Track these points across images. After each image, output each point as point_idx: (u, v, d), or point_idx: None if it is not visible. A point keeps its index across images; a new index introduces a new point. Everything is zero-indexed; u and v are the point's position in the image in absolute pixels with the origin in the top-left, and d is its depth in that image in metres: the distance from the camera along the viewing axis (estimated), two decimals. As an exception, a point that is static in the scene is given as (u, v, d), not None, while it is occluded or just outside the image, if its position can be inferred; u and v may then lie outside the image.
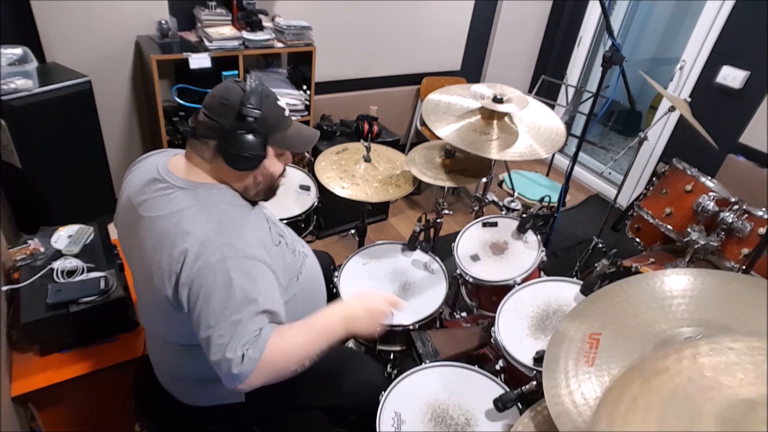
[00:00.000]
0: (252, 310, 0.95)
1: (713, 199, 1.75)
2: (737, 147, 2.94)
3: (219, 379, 1.16)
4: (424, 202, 3.49)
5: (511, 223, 1.86)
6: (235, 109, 1.03)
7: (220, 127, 1.04)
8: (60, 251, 1.62)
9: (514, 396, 1.18)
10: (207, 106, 1.05)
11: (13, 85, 1.78)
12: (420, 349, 1.49)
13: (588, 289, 1.47)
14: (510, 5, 3.67)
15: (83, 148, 2.09)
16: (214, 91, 1.06)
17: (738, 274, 1.41)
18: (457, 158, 1.83)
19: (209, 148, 1.06)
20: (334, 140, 2.92)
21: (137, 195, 1.08)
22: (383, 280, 1.70)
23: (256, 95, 1.05)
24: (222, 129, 1.03)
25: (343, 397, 1.38)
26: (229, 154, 1.05)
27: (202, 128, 1.05)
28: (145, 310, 1.14)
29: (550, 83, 3.21)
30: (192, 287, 0.95)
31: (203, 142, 1.06)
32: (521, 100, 1.71)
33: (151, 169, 1.09)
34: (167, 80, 2.60)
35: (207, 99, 1.06)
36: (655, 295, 1.02)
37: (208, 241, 0.97)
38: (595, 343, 0.97)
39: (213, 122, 1.04)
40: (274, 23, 2.62)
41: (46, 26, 2.19)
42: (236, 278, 0.95)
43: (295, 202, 1.89)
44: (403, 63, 3.44)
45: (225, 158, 1.05)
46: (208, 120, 1.04)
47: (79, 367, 1.46)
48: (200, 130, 1.05)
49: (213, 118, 1.04)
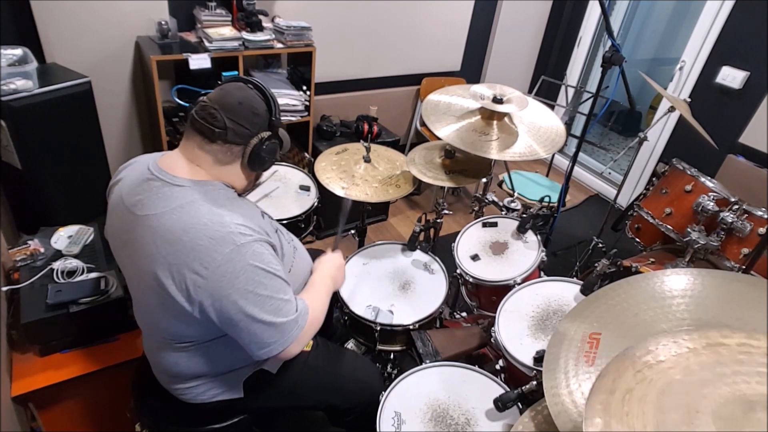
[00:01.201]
0: (283, 287, 1.06)
1: (713, 199, 1.75)
2: (737, 147, 2.94)
3: (217, 375, 1.18)
4: (424, 203, 3.49)
5: (511, 223, 1.86)
6: (265, 117, 1.11)
7: (252, 135, 1.09)
8: (60, 252, 1.62)
9: (514, 396, 1.18)
10: (234, 112, 1.05)
11: (13, 85, 1.78)
12: (420, 349, 1.50)
13: (588, 289, 1.47)
14: (510, 5, 3.67)
15: (83, 149, 2.08)
16: (236, 97, 1.06)
17: (738, 274, 1.41)
18: (457, 158, 1.83)
19: (231, 153, 1.09)
20: (334, 141, 2.92)
21: (130, 196, 1.08)
22: (383, 280, 1.70)
23: (277, 103, 1.14)
24: (252, 136, 1.09)
25: (341, 397, 1.38)
26: (255, 159, 1.11)
27: (232, 135, 1.06)
28: (142, 309, 1.14)
29: (549, 83, 3.21)
30: (215, 284, 0.98)
31: (227, 147, 1.07)
32: (521, 101, 1.71)
33: (142, 171, 1.09)
34: (167, 81, 2.60)
35: (230, 105, 1.05)
36: (655, 295, 1.02)
37: (216, 233, 0.98)
38: (595, 343, 0.97)
39: (245, 130, 1.07)
40: (273, 24, 2.62)
41: (46, 26, 2.19)
42: (254, 261, 1.01)
43: (294, 203, 1.89)
44: (403, 63, 3.44)
45: (249, 161, 1.11)
46: (239, 127, 1.06)
47: (79, 367, 1.46)
48: (230, 137, 1.06)
49: (245, 126, 1.07)
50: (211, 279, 0.98)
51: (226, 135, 1.05)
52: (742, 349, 0.69)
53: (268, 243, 1.07)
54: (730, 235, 1.74)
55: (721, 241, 1.74)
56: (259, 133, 1.09)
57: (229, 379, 1.20)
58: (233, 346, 1.11)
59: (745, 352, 0.69)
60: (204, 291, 0.98)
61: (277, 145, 1.15)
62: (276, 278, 1.04)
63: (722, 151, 2.91)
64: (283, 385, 1.28)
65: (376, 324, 1.53)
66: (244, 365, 1.21)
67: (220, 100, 1.05)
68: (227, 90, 1.08)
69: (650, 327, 0.97)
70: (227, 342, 1.12)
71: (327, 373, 1.37)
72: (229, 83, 1.11)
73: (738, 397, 0.63)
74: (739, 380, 0.65)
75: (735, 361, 0.68)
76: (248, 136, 1.08)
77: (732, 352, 0.69)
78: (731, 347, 0.70)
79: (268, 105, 1.11)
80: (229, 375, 1.20)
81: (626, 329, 0.98)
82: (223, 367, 1.18)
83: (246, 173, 1.15)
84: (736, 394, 0.64)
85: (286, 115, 2.71)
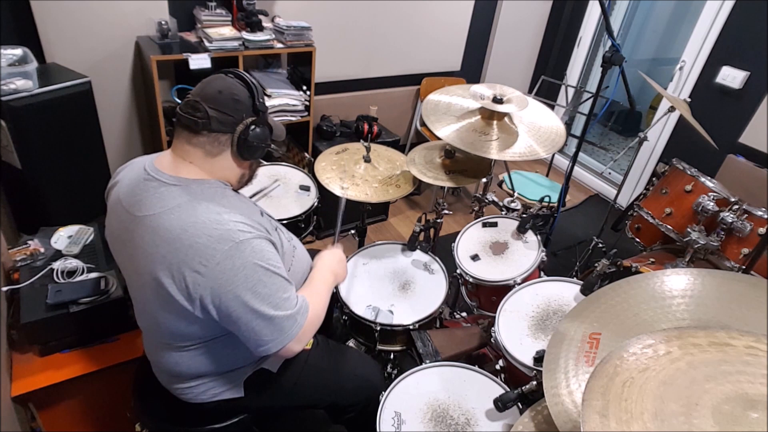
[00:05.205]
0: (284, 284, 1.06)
1: (713, 199, 1.75)
2: (737, 147, 2.94)
3: (217, 374, 1.18)
4: (424, 203, 3.49)
5: (511, 223, 1.86)
6: (248, 103, 1.09)
7: (237, 122, 1.08)
8: (60, 252, 1.62)
9: (514, 396, 1.18)
10: (215, 101, 1.05)
11: (13, 85, 1.78)
12: (420, 349, 1.50)
13: (588, 289, 1.47)
14: (510, 5, 3.67)
15: (83, 149, 2.08)
16: (215, 86, 1.07)
17: (738, 274, 1.41)
18: (457, 158, 1.83)
19: (219, 142, 1.09)
20: (334, 141, 2.92)
21: (128, 197, 1.08)
22: (383, 280, 1.70)
23: (260, 89, 1.12)
24: (237, 123, 1.08)
25: (342, 395, 1.38)
26: (243, 146, 1.10)
27: (216, 124, 1.06)
28: (143, 310, 1.14)
29: (549, 83, 3.21)
30: (214, 282, 0.98)
31: (213, 137, 1.08)
32: (521, 101, 1.71)
33: (139, 171, 1.10)
34: (167, 80, 2.60)
35: (210, 94, 1.06)
36: (655, 295, 1.02)
37: (215, 231, 0.99)
38: (595, 343, 0.97)
39: (229, 117, 1.07)
40: (274, 24, 2.62)
41: (46, 26, 2.19)
42: (254, 259, 1.01)
43: (294, 203, 1.89)
44: (403, 63, 3.44)
45: (238, 150, 1.10)
46: (222, 115, 1.06)
47: (79, 367, 1.46)
48: (213, 126, 1.06)
49: (228, 113, 1.07)
50: (211, 276, 0.98)
51: (209, 124, 1.05)
52: (750, 351, 0.70)
53: (268, 240, 1.07)
54: (730, 235, 1.74)
55: (721, 241, 1.74)
56: (243, 119, 1.08)
57: (230, 378, 1.20)
58: (234, 345, 1.11)
59: (752, 354, 0.69)
60: (203, 287, 0.98)
61: (265, 130, 1.13)
62: (276, 276, 1.04)
63: (722, 151, 2.91)
64: (284, 384, 1.28)
65: (376, 324, 1.53)
66: (245, 364, 1.21)
67: (200, 92, 1.07)
68: (207, 81, 1.09)
69: (650, 327, 0.97)
70: (228, 341, 1.12)
71: (327, 371, 1.37)
72: (209, 76, 1.12)
73: (740, 395, 0.63)
74: (743, 379, 0.66)
75: (741, 361, 0.68)
76: (233, 124, 1.08)
77: (739, 353, 0.70)
78: (738, 348, 0.70)
79: (250, 91, 1.10)
80: (230, 374, 1.20)
81: (626, 329, 0.98)
82: (223, 366, 1.18)
83: (238, 162, 1.13)
84: (738, 392, 0.64)
85: (286, 115, 2.71)
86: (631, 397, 0.65)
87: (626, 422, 0.62)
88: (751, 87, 2.86)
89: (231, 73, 1.11)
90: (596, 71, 3.95)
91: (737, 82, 2.89)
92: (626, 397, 0.65)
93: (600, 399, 0.66)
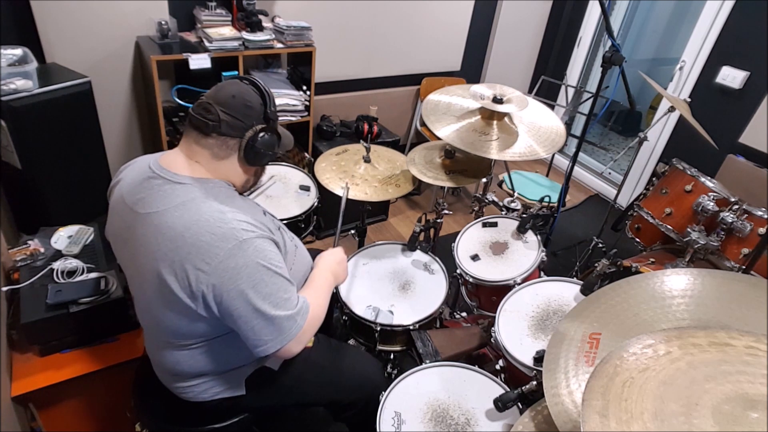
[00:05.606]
0: (285, 285, 1.06)
1: (713, 199, 1.75)
2: (737, 147, 2.94)
3: (219, 373, 1.18)
4: (424, 203, 3.49)
5: (511, 223, 1.86)
6: (259, 110, 1.11)
7: (246, 127, 1.09)
8: (60, 251, 1.62)
9: (514, 396, 1.18)
10: (227, 105, 1.07)
11: (13, 85, 1.78)
12: (420, 349, 1.50)
13: (588, 289, 1.47)
14: (510, 5, 3.67)
15: (83, 149, 2.08)
16: (229, 90, 1.09)
17: (738, 274, 1.41)
18: (457, 158, 1.83)
19: (227, 146, 1.10)
20: (334, 141, 2.92)
21: (131, 195, 1.09)
22: (383, 280, 1.70)
23: (273, 97, 1.14)
24: (247, 129, 1.10)
25: (343, 392, 1.38)
26: (251, 152, 1.11)
27: (226, 127, 1.07)
28: (144, 308, 1.14)
29: (550, 83, 3.21)
30: (217, 278, 0.98)
31: (222, 140, 1.09)
32: (521, 101, 1.71)
33: (143, 170, 1.10)
34: (167, 80, 2.61)
35: (223, 98, 1.08)
36: (655, 295, 1.02)
37: (218, 229, 0.99)
38: (595, 343, 0.97)
39: (239, 122, 1.08)
40: (274, 24, 2.62)
41: (46, 26, 2.19)
42: (256, 258, 1.01)
43: (295, 203, 1.89)
44: (403, 63, 3.44)
45: (245, 155, 1.11)
46: (233, 120, 1.07)
47: (79, 367, 1.46)
48: (223, 129, 1.07)
49: (238, 118, 1.08)
50: (214, 274, 0.98)
51: (219, 127, 1.07)
52: (750, 351, 0.70)
53: (270, 240, 1.07)
54: (730, 235, 1.74)
55: (721, 241, 1.74)
56: (253, 125, 1.10)
57: (231, 377, 1.20)
58: (235, 344, 1.11)
59: (752, 354, 0.69)
60: (206, 285, 0.99)
61: (274, 138, 1.14)
62: (277, 275, 1.05)
63: (722, 151, 2.91)
64: (285, 382, 1.28)
65: (376, 324, 1.53)
66: (246, 363, 1.21)
67: (214, 95, 1.08)
68: (221, 85, 1.11)
69: (650, 327, 0.97)
70: (229, 340, 1.12)
71: (328, 369, 1.38)
72: (224, 81, 1.13)
73: (740, 395, 0.64)
74: (743, 379, 0.66)
75: (741, 361, 0.68)
76: (243, 129, 1.09)
77: (739, 353, 0.70)
78: (738, 348, 0.70)
79: (263, 99, 1.12)
80: (231, 373, 1.20)
81: (626, 329, 0.98)
82: (225, 365, 1.18)
83: (244, 167, 1.15)
84: (738, 392, 0.64)
85: (286, 115, 2.71)
86: (631, 397, 0.65)
87: (626, 422, 0.62)
88: (751, 87, 2.86)
89: (246, 80, 1.13)
90: (596, 71, 3.95)
91: (737, 82, 2.89)
92: (626, 397, 0.65)
93: (600, 399, 0.66)
